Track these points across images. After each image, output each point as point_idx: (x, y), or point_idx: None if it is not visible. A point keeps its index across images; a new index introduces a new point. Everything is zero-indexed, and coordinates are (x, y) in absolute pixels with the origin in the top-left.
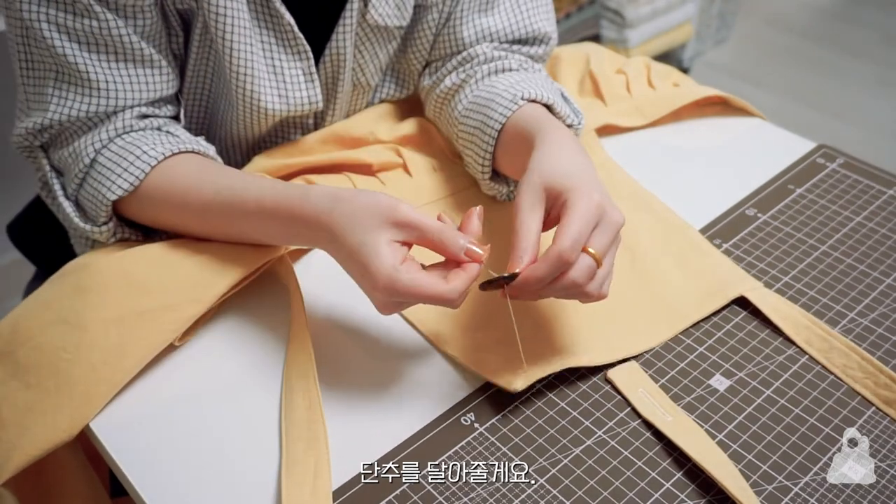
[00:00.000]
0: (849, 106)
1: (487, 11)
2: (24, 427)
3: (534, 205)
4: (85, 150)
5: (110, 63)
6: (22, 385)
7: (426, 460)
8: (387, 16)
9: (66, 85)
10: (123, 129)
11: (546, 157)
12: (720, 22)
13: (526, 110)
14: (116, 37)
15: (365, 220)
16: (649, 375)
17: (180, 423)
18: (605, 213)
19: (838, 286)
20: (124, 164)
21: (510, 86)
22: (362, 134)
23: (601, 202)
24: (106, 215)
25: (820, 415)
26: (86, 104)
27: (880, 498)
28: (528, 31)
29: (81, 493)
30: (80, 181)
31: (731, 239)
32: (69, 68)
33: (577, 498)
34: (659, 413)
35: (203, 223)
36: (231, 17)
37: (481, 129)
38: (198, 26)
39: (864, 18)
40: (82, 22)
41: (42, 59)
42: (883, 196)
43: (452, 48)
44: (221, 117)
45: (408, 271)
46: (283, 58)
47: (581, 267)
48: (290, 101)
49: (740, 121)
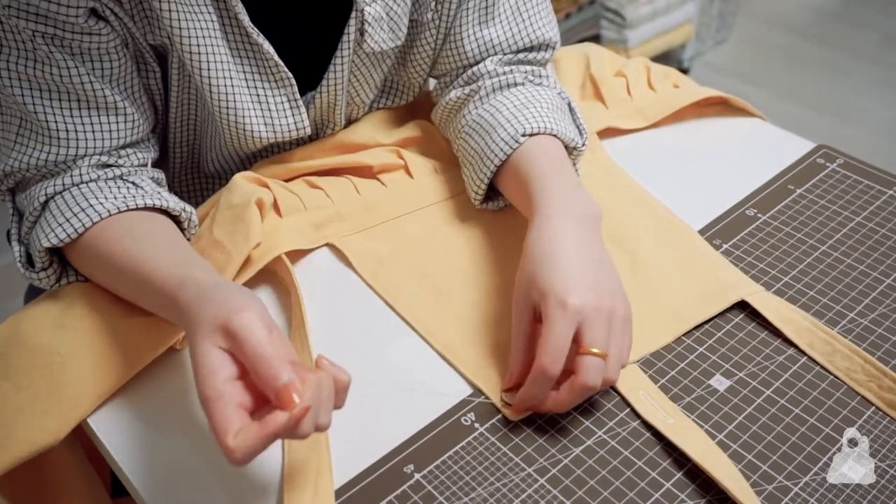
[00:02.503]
0: (849, 106)
1: (488, 23)
2: (13, 429)
3: (520, 315)
4: (37, 195)
5: (72, 111)
6: (14, 387)
7: (426, 460)
8: (382, 41)
9: (27, 132)
10: (81, 179)
11: (531, 249)
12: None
13: (528, 147)
14: (78, 84)
15: (207, 319)
16: (649, 376)
17: (181, 422)
18: (585, 312)
19: (838, 286)
20: (67, 215)
21: (513, 113)
22: (364, 140)
23: (576, 304)
24: (41, 262)
25: (820, 415)
26: (45, 153)
27: (880, 498)
28: (532, 39)
29: (81, 493)
30: (31, 224)
31: (731, 239)
32: (30, 116)
33: (577, 498)
34: (660, 415)
35: (119, 289)
36: (207, 54)
37: (480, 158)
38: (174, 61)
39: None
40: (42, 69)
41: (8, 105)
42: (883, 196)
43: (458, 62)
44: (210, 141)
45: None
46: (266, 86)
47: (588, 370)
48: (276, 128)
49: (740, 121)
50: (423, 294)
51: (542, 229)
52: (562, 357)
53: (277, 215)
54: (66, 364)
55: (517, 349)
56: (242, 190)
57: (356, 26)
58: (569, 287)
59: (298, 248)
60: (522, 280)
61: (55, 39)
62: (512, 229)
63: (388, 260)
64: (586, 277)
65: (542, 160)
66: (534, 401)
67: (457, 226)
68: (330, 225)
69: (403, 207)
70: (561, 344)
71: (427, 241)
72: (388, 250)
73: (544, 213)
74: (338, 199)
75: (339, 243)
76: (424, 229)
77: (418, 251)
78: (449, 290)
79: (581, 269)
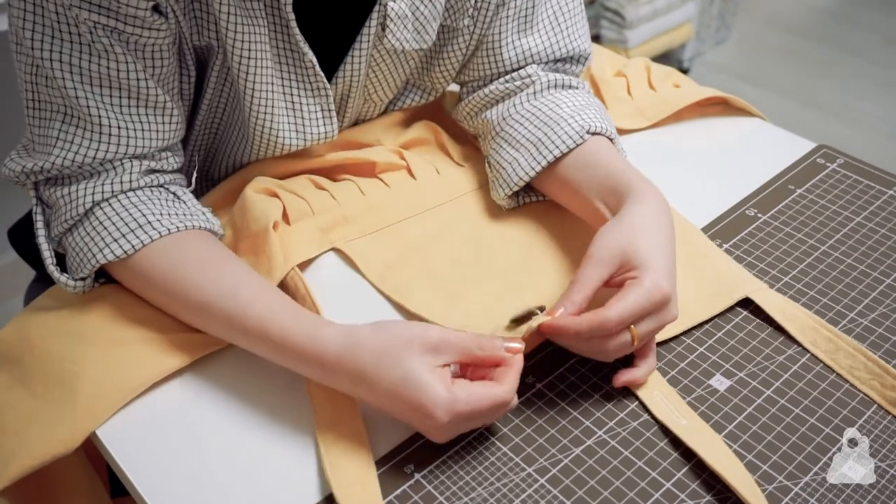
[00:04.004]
0: (849, 106)
1: (527, 31)
2: (25, 436)
3: (604, 263)
4: (83, 197)
5: (122, 107)
6: (28, 393)
7: (426, 460)
8: (405, 40)
9: (72, 128)
10: (130, 186)
11: (637, 218)
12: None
13: (591, 145)
14: (133, 80)
15: (398, 354)
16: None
17: (183, 425)
18: (664, 306)
19: (838, 286)
20: (123, 230)
21: (576, 110)
22: (369, 141)
23: (667, 294)
24: (87, 273)
25: (820, 415)
26: (93, 149)
27: (880, 498)
28: (569, 50)
29: (81, 493)
30: (69, 227)
31: (732, 239)
32: (79, 110)
33: (578, 498)
34: (674, 416)
35: (199, 321)
36: (254, 59)
37: (535, 146)
38: (216, 63)
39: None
40: (98, 63)
41: (50, 99)
42: (883, 196)
43: (493, 69)
44: (233, 146)
45: (462, 390)
46: (302, 94)
47: (619, 341)
48: (306, 135)
49: (740, 121)
50: (433, 293)
51: (646, 208)
52: (625, 325)
53: (286, 224)
54: (81, 373)
55: (580, 292)
56: (255, 211)
57: (378, 20)
58: (668, 275)
59: (308, 257)
60: (615, 238)
61: (114, 33)
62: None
63: (394, 263)
64: (674, 275)
65: (616, 157)
66: (571, 337)
67: (461, 227)
68: (336, 228)
69: (408, 210)
70: (637, 314)
71: (432, 243)
72: (395, 253)
73: (643, 196)
74: (343, 201)
75: (345, 248)
76: (429, 231)
77: (424, 253)
78: (457, 290)
79: (673, 265)
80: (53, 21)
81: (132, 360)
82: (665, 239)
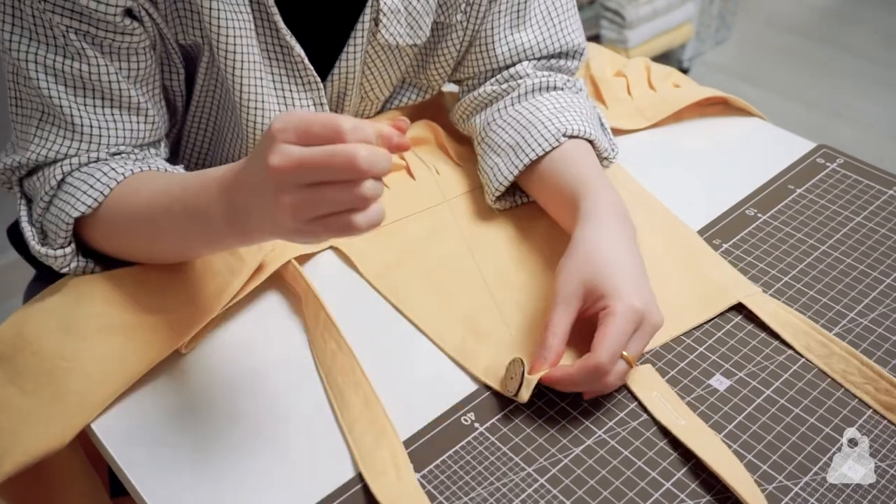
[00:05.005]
0: (849, 106)
1: (519, 27)
2: (18, 434)
3: (570, 300)
4: (51, 175)
5: (95, 107)
6: (19, 391)
7: (426, 460)
8: (399, 35)
9: (49, 125)
10: (96, 159)
11: (590, 244)
12: (720, 22)
13: (568, 148)
14: (105, 82)
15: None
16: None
17: (183, 424)
18: (643, 319)
19: (838, 286)
20: (91, 182)
21: (554, 114)
22: None
23: (641, 309)
24: (65, 236)
25: (820, 415)
26: (65, 146)
27: (880, 498)
28: (562, 45)
29: (81, 493)
30: (46, 204)
31: (731, 239)
32: (54, 109)
33: (577, 498)
34: (672, 417)
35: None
36: (241, 53)
37: (514, 150)
38: (204, 61)
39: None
40: (72, 65)
41: (29, 98)
42: (883, 196)
43: (486, 65)
44: (229, 146)
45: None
46: (293, 89)
47: (617, 373)
48: None
49: (740, 121)
50: (428, 295)
51: (598, 229)
52: (617, 357)
53: None
54: (72, 369)
55: (556, 336)
56: None
57: (371, 15)
58: (635, 288)
59: (306, 251)
60: (574, 273)
61: (87, 37)
62: (513, 230)
63: (392, 262)
64: (643, 286)
65: (584, 161)
66: (570, 386)
67: (459, 227)
68: None
69: (406, 209)
70: (622, 343)
71: (430, 243)
72: (392, 252)
73: (594, 210)
74: None
75: (343, 246)
76: (427, 231)
77: (422, 253)
78: (454, 291)
79: (638, 275)
80: (30, 23)
81: (122, 352)
82: (622, 252)
